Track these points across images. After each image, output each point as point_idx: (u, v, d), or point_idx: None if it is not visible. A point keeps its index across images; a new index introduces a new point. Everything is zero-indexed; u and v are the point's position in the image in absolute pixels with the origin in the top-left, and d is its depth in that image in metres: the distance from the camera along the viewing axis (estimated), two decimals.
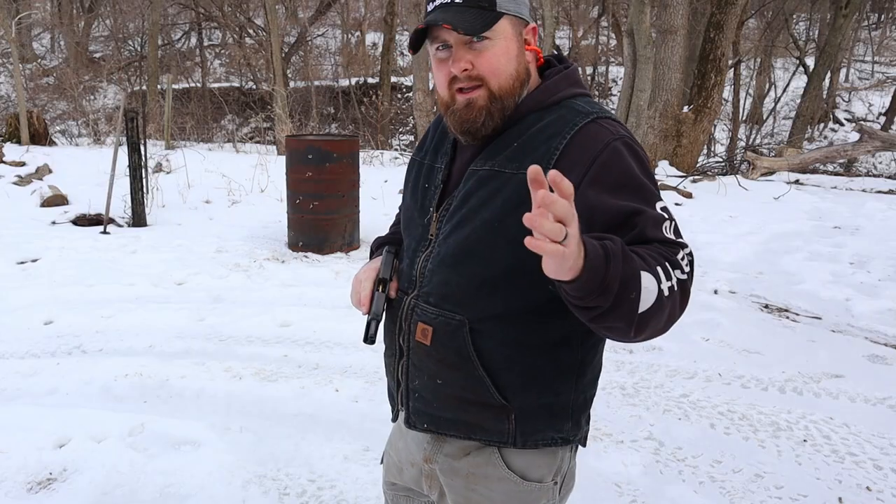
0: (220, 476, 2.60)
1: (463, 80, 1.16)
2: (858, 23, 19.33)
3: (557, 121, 1.17)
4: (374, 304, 1.29)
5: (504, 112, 1.19)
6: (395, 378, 1.34)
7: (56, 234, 6.10)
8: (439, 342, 1.23)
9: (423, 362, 1.27)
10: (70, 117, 16.22)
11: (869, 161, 15.06)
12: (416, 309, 1.26)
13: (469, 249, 1.19)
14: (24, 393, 3.27)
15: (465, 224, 1.20)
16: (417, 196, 1.33)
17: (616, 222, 1.06)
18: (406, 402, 1.32)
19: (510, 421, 1.22)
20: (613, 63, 21.05)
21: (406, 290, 1.30)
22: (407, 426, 1.33)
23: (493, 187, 1.18)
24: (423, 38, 1.19)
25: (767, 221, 7.38)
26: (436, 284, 1.24)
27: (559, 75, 1.24)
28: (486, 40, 1.14)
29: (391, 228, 1.55)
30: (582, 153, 1.11)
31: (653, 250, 1.03)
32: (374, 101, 15.41)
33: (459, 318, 1.21)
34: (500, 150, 1.20)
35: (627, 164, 1.11)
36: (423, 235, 1.29)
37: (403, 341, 1.29)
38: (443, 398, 1.26)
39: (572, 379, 1.24)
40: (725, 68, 10.40)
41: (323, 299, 4.73)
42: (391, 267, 1.35)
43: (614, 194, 1.08)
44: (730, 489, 2.64)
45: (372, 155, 11.17)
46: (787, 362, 3.84)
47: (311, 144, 5.77)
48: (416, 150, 1.43)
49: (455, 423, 1.26)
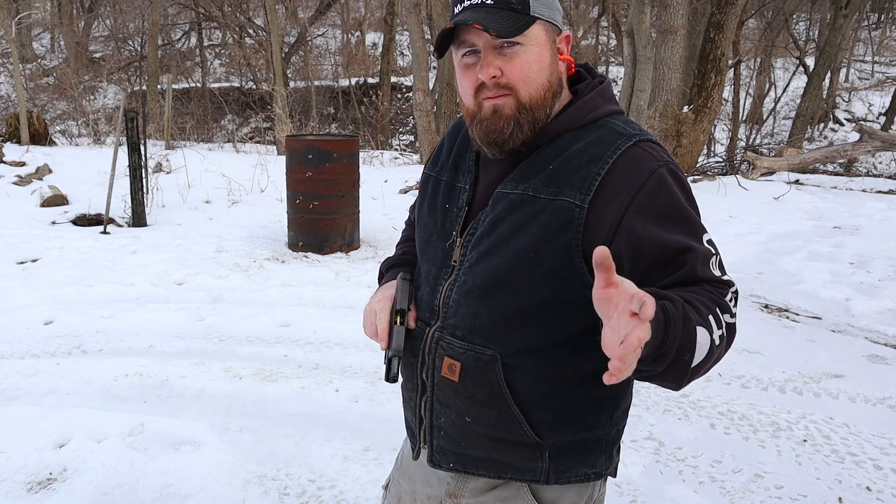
0: (220, 476, 2.60)
1: (491, 89, 1.08)
2: (858, 23, 19.33)
3: (597, 143, 1.09)
4: (395, 339, 1.20)
5: (534, 124, 1.10)
6: (417, 414, 1.25)
7: (56, 234, 6.10)
8: (469, 378, 1.15)
9: (449, 399, 1.18)
10: (70, 117, 16.22)
11: (869, 161, 15.05)
12: (440, 342, 1.18)
13: (501, 280, 1.11)
14: (24, 393, 3.27)
15: (495, 252, 1.11)
16: (437, 217, 1.23)
17: (665, 258, 1.02)
18: (430, 440, 1.23)
19: (544, 459, 1.16)
20: (613, 63, 21.05)
21: (427, 320, 1.21)
22: (431, 465, 1.25)
23: (526, 213, 1.09)
24: (449, 41, 1.11)
25: (767, 221, 7.38)
26: (463, 317, 1.15)
27: (595, 91, 1.15)
28: (517, 46, 1.07)
29: (400, 247, 1.45)
30: (626, 180, 1.05)
31: (704, 295, 0.99)
32: (374, 101, 15.41)
33: (491, 352, 1.13)
34: (534, 173, 1.11)
35: (674, 194, 1.06)
36: (445, 261, 1.19)
37: (427, 376, 1.21)
38: (471, 436, 1.18)
39: (607, 412, 1.18)
40: (725, 68, 10.39)
41: (323, 299, 4.73)
42: (409, 296, 1.24)
43: (662, 226, 1.03)
44: (730, 489, 2.64)
45: (372, 155, 11.17)
46: (787, 362, 3.84)
47: (311, 144, 5.77)
48: (429, 164, 1.32)
49: (484, 462, 1.19)
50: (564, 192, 1.07)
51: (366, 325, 1.26)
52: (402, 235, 1.49)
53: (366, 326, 1.26)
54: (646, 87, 9.28)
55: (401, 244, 1.46)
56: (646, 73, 9.22)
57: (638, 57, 9.19)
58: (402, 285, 1.25)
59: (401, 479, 1.41)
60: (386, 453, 2.80)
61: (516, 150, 1.13)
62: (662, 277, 1.03)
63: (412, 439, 1.31)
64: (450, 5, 1.13)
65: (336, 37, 22.67)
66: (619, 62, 19.56)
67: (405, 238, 1.47)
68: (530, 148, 1.13)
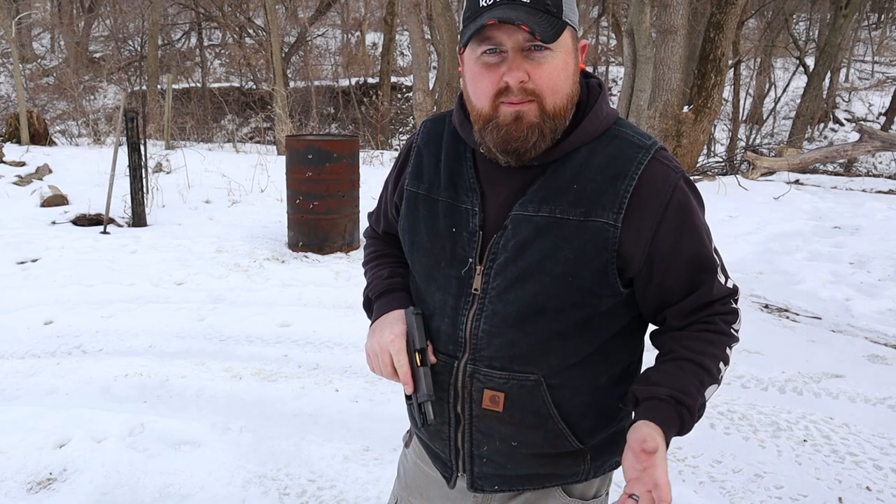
0: (220, 476, 2.60)
1: (516, 93, 1.02)
2: (858, 23, 19.34)
3: (616, 157, 1.08)
4: (424, 383, 1.12)
5: (555, 135, 1.06)
6: (452, 446, 1.21)
7: (56, 234, 6.10)
8: (514, 407, 1.12)
9: (492, 428, 1.15)
10: (70, 117, 16.22)
11: (869, 161, 15.06)
12: (475, 375, 1.13)
13: (538, 307, 1.08)
14: (24, 393, 3.27)
15: (527, 279, 1.07)
16: (443, 243, 1.14)
17: (687, 273, 1.10)
18: (470, 468, 1.20)
19: (586, 461, 1.19)
20: (613, 63, 21.06)
21: (453, 353, 1.14)
22: (472, 490, 1.22)
23: (557, 237, 1.06)
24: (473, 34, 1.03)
25: (767, 221, 7.38)
26: (499, 347, 1.11)
27: (600, 98, 1.12)
28: (546, 51, 1.01)
29: (380, 267, 1.34)
30: (652, 197, 1.06)
31: (716, 343, 1.10)
32: (374, 101, 15.41)
33: (534, 377, 1.11)
34: (557, 193, 1.07)
35: (694, 206, 1.11)
36: (462, 290, 1.13)
37: (463, 410, 1.16)
38: (517, 458, 1.17)
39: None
40: (725, 68, 10.39)
41: (323, 299, 4.73)
42: (424, 332, 1.17)
43: (686, 243, 1.09)
44: (730, 489, 2.64)
45: (372, 155, 11.17)
46: (786, 362, 3.84)
47: (311, 144, 5.77)
48: (410, 180, 1.21)
49: (529, 478, 1.19)
50: (595, 213, 1.06)
51: (375, 365, 1.18)
52: (371, 250, 1.40)
53: (375, 366, 1.18)
54: (646, 87, 9.28)
55: (375, 261, 1.37)
56: (646, 73, 9.22)
57: (638, 57, 9.19)
58: (416, 322, 1.16)
59: (411, 499, 1.37)
60: (386, 453, 2.80)
61: (529, 163, 1.09)
62: (681, 289, 1.12)
63: (444, 469, 1.26)
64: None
65: (336, 37, 22.68)
66: (619, 62, 19.56)
67: (378, 254, 1.38)
68: (543, 162, 1.09)
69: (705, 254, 1.11)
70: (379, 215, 1.39)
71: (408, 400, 1.17)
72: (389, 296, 1.26)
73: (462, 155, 1.16)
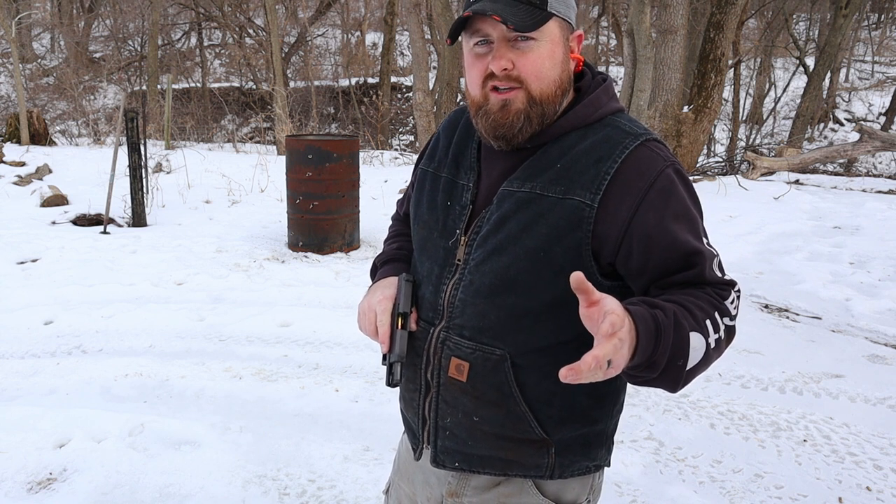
0: (220, 476, 2.60)
1: (501, 79, 1.08)
2: (858, 23, 19.33)
3: (604, 141, 1.10)
4: (398, 344, 1.17)
5: (543, 119, 1.10)
6: (420, 414, 1.24)
7: (56, 234, 6.10)
8: (477, 378, 1.14)
9: (456, 399, 1.17)
10: (70, 117, 16.22)
11: (869, 161, 15.05)
12: (447, 342, 1.16)
13: (510, 280, 1.10)
14: (24, 393, 3.27)
15: (502, 251, 1.11)
16: (438, 214, 1.21)
17: (674, 257, 1.06)
18: (434, 440, 1.22)
19: (549, 455, 1.17)
20: (613, 63, 21.05)
21: (431, 320, 1.19)
22: (434, 465, 1.23)
23: (534, 212, 1.09)
24: (461, 28, 1.10)
25: (767, 221, 7.38)
26: (470, 316, 1.14)
27: (600, 89, 1.15)
28: (531, 41, 1.06)
29: (393, 241, 1.42)
30: (635, 179, 1.06)
31: (704, 299, 1.03)
32: (374, 101, 15.41)
33: (500, 352, 1.12)
34: (542, 171, 1.11)
35: (682, 194, 1.09)
36: (448, 260, 1.18)
37: (432, 376, 1.19)
38: (479, 436, 1.18)
39: (609, 407, 1.21)
40: (725, 68, 10.39)
41: (323, 299, 4.73)
42: (411, 298, 1.21)
43: (671, 225, 1.06)
44: (730, 489, 2.64)
45: (372, 155, 11.16)
46: (787, 362, 3.84)
47: (311, 144, 5.77)
48: (425, 160, 1.30)
49: (490, 460, 1.19)
50: (574, 191, 1.07)
51: (362, 323, 1.24)
52: (392, 230, 1.47)
53: (362, 324, 1.24)
54: (646, 87, 9.28)
55: (392, 238, 1.43)
56: (646, 73, 9.22)
57: (638, 57, 9.19)
58: (405, 287, 1.22)
59: (401, 483, 1.39)
60: (386, 453, 2.80)
61: (521, 146, 1.13)
62: (670, 276, 1.07)
63: (413, 440, 1.29)
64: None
65: (336, 37, 22.68)
66: (619, 62, 19.56)
67: (397, 232, 1.44)
68: (536, 144, 1.13)
69: (692, 241, 1.06)
70: (404, 198, 1.47)
71: (383, 361, 1.20)
72: (392, 264, 1.33)
73: (471, 138, 1.23)
